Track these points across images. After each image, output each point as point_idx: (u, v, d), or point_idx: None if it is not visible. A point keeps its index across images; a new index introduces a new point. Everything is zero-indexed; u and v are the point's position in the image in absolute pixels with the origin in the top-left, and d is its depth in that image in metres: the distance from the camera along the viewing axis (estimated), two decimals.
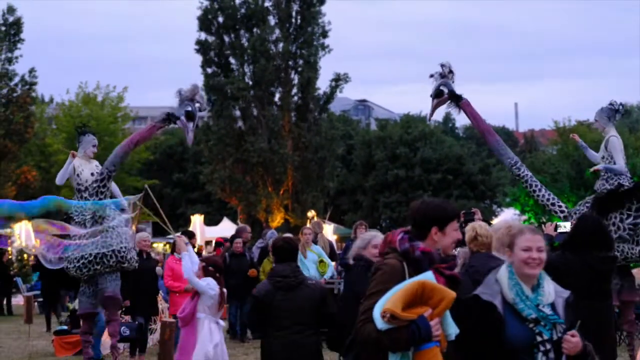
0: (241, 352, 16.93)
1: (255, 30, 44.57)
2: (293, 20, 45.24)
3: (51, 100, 49.85)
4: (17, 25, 39.69)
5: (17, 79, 39.97)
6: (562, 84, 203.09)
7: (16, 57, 39.80)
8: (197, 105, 13.66)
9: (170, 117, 13.69)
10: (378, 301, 5.13)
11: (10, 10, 39.74)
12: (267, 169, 43.31)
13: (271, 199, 43.69)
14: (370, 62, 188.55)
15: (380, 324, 5.06)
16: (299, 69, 44.88)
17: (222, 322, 11.06)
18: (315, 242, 17.99)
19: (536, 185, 14.19)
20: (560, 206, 14.18)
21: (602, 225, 9.59)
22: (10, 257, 28.89)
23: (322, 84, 46.88)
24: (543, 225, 12.68)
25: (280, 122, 44.05)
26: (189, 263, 10.83)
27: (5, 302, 27.46)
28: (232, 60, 45.15)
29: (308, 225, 24.04)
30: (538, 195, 14.19)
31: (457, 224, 5.55)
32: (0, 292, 27.36)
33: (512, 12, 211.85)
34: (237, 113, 45.06)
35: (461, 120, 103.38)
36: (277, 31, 44.92)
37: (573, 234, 9.25)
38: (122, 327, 14.95)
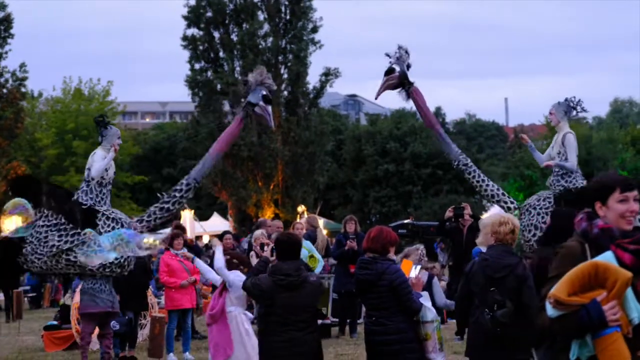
0: None
1: (244, 25, 44.49)
2: (282, 15, 45.19)
3: (40, 95, 49.75)
4: (7, 21, 39.54)
5: (7, 75, 39.83)
6: (552, 79, 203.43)
7: (6, 53, 39.71)
8: (268, 87, 13.47)
9: (248, 105, 13.46)
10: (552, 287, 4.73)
11: (2, 6, 39.61)
12: (257, 163, 43.29)
13: (261, 193, 43.67)
14: (360, 57, 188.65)
15: (549, 310, 4.71)
16: (289, 64, 44.85)
17: (249, 314, 11.14)
18: (315, 237, 18.07)
19: (482, 180, 14.20)
20: (509, 197, 14.23)
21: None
22: None
23: (312, 79, 46.85)
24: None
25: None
26: (221, 255, 10.80)
27: None
28: (221, 55, 45.07)
29: (298, 220, 24.00)
30: (485, 188, 14.20)
31: (622, 194, 4.94)
32: None
33: (503, 8, 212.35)
34: (227, 108, 45.02)
35: (451, 115, 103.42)
36: (266, 26, 44.88)
37: (553, 229, 9.13)
38: (112, 322, 14.90)
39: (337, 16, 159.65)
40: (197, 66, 45.08)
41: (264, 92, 13.35)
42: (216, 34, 45.00)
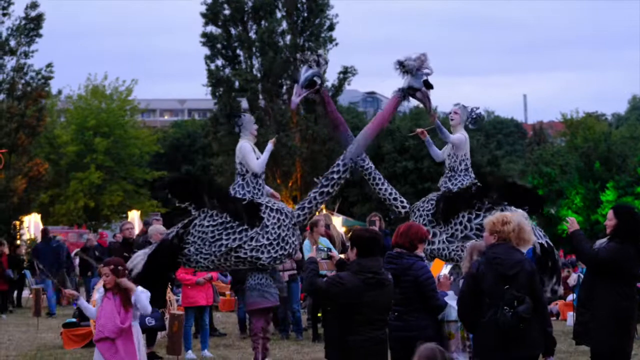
0: (249, 343, 16.90)
1: (262, 22, 44.46)
2: (300, 12, 45.13)
3: (59, 92, 49.92)
4: (37, 20, 39.61)
5: (32, 73, 39.84)
6: (571, 76, 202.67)
7: (32, 52, 39.75)
8: (426, 72, 13.39)
9: (408, 90, 13.38)
10: None
11: (33, 5, 39.68)
12: (276, 161, 43.26)
13: (280, 191, 43.64)
14: (378, 54, 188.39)
15: None
16: None
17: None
18: (329, 234, 18.05)
19: (379, 179, 14.17)
20: (402, 202, 14.18)
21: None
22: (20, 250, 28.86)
23: (330, 77, 46.81)
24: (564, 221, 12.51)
25: (288, 114, 44.01)
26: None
27: (15, 294, 27.46)
28: (239, 52, 45.05)
29: (317, 215, 23.96)
30: (380, 189, 14.18)
31: None
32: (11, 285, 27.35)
33: (521, 4, 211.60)
34: (245, 105, 45.03)
35: None
36: (285, 23, 44.84)
37: (621, 226, 9.54)
38: (147, 318, 14.77)
39: (354, 12, 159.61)
40: (215, 64, 45.08)
41: (425, 78, 13.30)
42: (234, 31, 44.95)
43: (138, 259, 13.13)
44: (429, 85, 13.37)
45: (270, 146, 13.49)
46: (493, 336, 8.12)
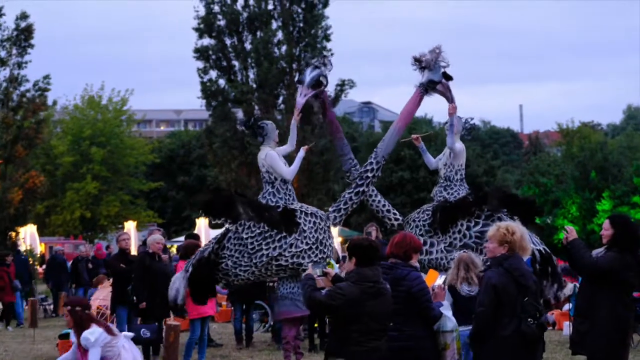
0: (246, 354, 16.91)
1: (258, 33, 44.42)
2: (296, 22, 45.07)
3: (54, 103, 49.98)
4: (28, 31, 39.50)
5: (28, 85, 39.76)
6: (567, 86, 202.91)
7: (25, 63, 39.59)
8: (444, 65, 13.37)
9: (429, 84, 13.37)
10: None
11: (23, 16, 39.59)
12: None
13: None
14: (374, 64, 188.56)
15: None
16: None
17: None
18: None
19: (373, 191, 14.20)
20: (395, 214, 14.19)
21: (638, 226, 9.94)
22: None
23: (328, 88, 46.75)
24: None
25: (284, 125, 43.96)
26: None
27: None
28: (235, 63, 44.98)
29: None
30: (374, 201, 14.19)
31: None
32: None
33: (516, 13, 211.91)
34: (241, 116, 44.96)
35: None
36: (280, 34, 44.79)
37: (618, 235, 9.56)
38: (142, 330, 14.77)
39: (350, 22, 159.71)
40: (210, 76, 44.98)
41: (442, 70, 13.32)
42: (229, 42, 44.85)
43: (177, 285, 13.12)
44: (448, 77, 13.42)
45: (302, 153, 13.56)
46: (516, 349, 8.08)
